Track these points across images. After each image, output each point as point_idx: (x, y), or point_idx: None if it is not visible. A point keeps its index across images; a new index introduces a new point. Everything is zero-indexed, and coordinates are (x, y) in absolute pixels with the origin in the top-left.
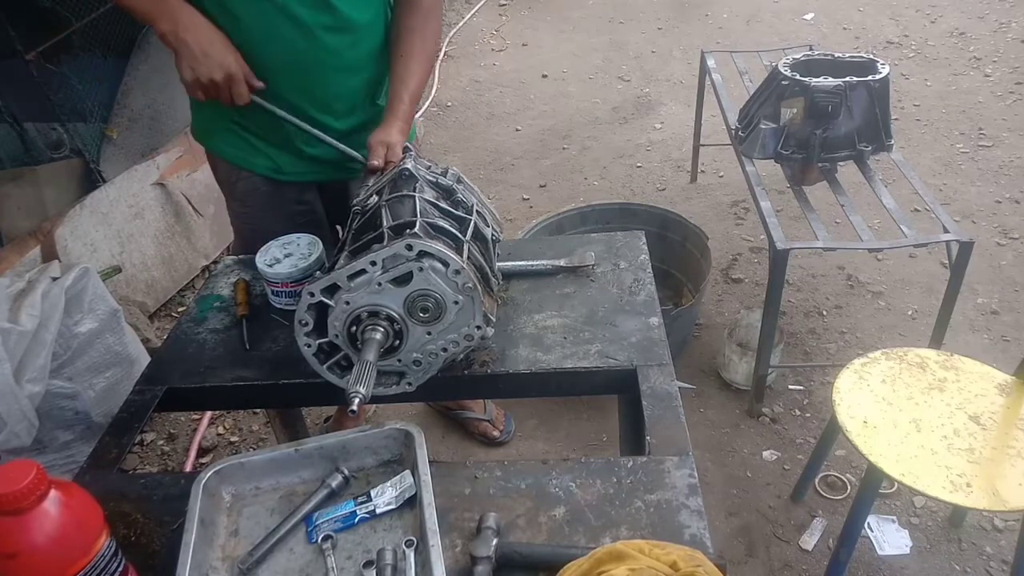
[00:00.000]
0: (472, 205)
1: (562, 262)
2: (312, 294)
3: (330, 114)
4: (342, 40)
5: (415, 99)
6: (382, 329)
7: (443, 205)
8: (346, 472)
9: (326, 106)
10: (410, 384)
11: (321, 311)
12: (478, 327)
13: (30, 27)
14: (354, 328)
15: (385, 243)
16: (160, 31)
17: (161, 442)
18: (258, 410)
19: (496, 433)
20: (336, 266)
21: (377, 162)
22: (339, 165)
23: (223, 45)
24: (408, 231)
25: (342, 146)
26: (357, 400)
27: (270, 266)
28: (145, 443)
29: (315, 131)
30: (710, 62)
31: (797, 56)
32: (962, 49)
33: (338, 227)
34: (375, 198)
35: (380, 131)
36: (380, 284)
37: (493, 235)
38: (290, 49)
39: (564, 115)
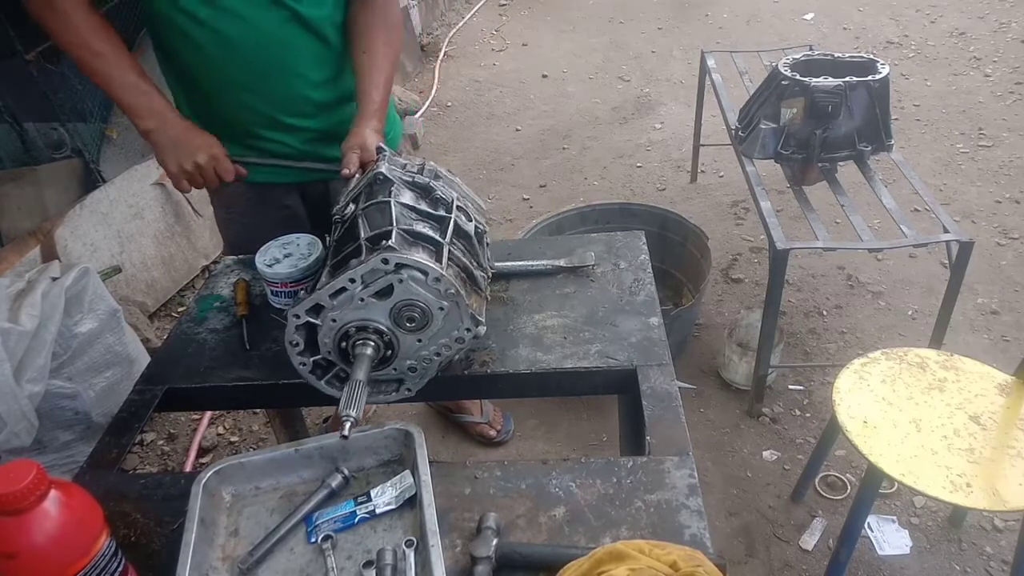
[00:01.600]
0: (452, 201)
1: (562, 262)
2: (298, 316)
3: (301, 116)
4: (300, 38)
5: (386, 94)
6: (372, 343)
7: (421, 207)
8: (346, 472)
9: (295, 108)
10: (409, 390)
11: (312, 329)
12: (468, 329)
13: (30, 27)
14: (344, 344)
15: (363, 257)
16: (144, 127)
17: (161, 442)
18: (258, 410)
19: (493, 432)
20: (318, 285)
21: (347, 171)
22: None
23: (200, 132)
24: (384, 242)
25: (318, 165)
26: (349, 424)
27: (270, 266)
28: (145, 443)
29: (290, 163)
30: (710, 62)
31: (797, 56)
32: (962, 49)
33: (326, 236)
34: (352, 207)
35: (352, 135)
36: (363, 299)
37: (478, 227)
38: (250, 56)
39: (564, 115)
